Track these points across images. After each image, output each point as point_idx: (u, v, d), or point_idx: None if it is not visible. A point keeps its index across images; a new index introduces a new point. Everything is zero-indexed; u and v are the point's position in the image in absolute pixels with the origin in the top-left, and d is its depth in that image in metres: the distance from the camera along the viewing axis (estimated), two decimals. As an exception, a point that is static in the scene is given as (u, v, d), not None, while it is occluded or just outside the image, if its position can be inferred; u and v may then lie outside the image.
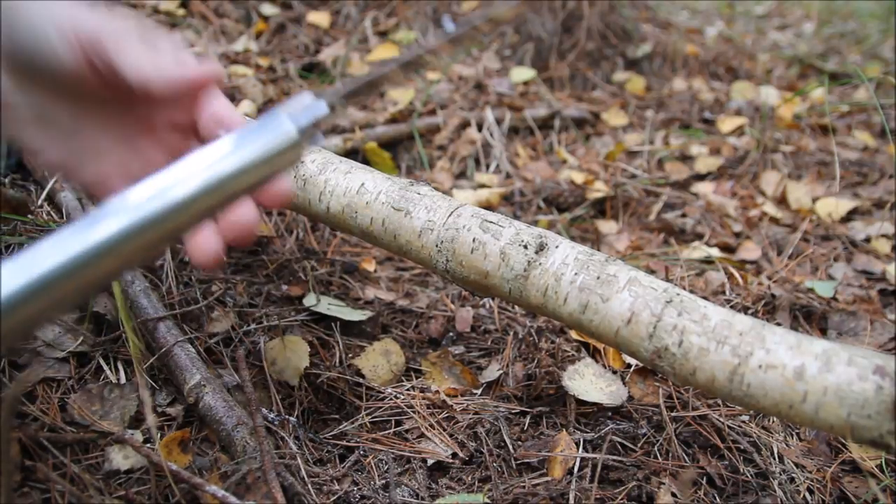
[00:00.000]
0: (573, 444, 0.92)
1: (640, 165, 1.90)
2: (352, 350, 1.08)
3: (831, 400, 0.57)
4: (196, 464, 0.85)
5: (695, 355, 0.63)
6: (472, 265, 0.74)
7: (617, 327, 0.67)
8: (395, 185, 0.80)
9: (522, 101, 2.09)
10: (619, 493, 0.85)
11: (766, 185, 1.84)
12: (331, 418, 0.97)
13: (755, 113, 2.22)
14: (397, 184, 0.81)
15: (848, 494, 0.91)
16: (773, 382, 0.60)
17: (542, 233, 0.73)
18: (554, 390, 1.02)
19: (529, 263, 0.71)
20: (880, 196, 1.83)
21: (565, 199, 1.66)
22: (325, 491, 0.83)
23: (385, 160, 1.66)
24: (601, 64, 2.45)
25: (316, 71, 2.02)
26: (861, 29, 3.84)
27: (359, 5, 2.36)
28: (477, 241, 0.74)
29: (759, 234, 1.61)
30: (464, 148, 1.81)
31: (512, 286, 0.73)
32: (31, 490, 0.75)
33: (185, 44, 1.81)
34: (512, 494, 0.84)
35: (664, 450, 0.93)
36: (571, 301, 0.69)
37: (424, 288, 1.29)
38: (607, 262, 0.70)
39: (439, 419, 0.96)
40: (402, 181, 0.81)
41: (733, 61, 2.75)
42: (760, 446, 0.95)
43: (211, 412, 0.89)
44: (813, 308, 1.27)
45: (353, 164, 0.84)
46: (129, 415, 0.89)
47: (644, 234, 1.60)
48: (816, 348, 0.60)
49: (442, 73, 2.12)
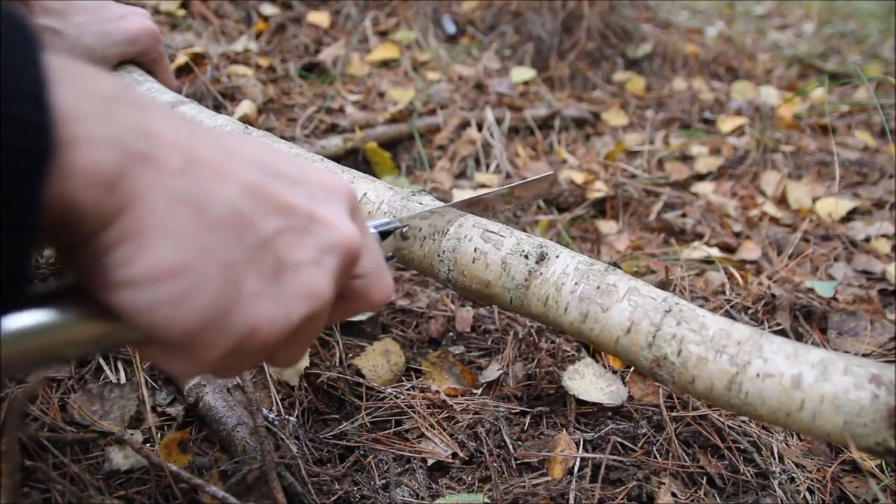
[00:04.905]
0: (573, 444, 0.92)
1: (640, 165, 1.90)
2: (352, 350, 1.08)
3: (828, 408, 0.58)
4: (196, 464, 0.85)
5: (693, 364, 0.64)
6: (474, 275, 0.75)
7: (617, 336, 0.68)
8: (398, 195, 0.81)
9: (522, 101, 2.09)
10: (620, 493, 0.85)
11: (766, 185, 1.84)
12: (331, 418, 0.97)
13: (755, 113, 2.22)
14: (400, 194, 0.81)
15: (848, 494, 0.91)
16: (770, 391, 0.61)
17: (543, 242, 0.74)
18: (554, 390, 1.02)
19: (530, 273, 0.72)
20: (880, 196, 1.83)
21: (565, 199, 1.66)
22: (326, 491, 0.83)
23: (385, 160, 1.66)
24: (601, 64, 2.45)
25: (316, 71, 2.02)
26: (861, 29, 3.84)
27: (359, 5, 2.36)
28: (478, 251, 0.75)
29: (759, 234, 1.61)
30: (464, 148, 1.81)
31: (513, 296, 0.74)
32: (31, 490, 0.76)
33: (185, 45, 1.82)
34: (512, 494, 0.84)
35: (664, 450, 0.93)
36: (572, 310, 0.70)
37: (424, 288, 1.29)
38: (607, 272, 0.71)
39: (439, 419, 0.96)
40: (404, 191, 0.82)
41: (733, 61, 2.75)
42: (760, 446, 0.95)
43: (211, 412, 0.89)
44: (813, 308, 1.27)
45: (355, 174, 0.85)
46: (129, 415, 0.89)
47: (644, 234, 1.60)
48: (813, 357, 0.61)
49: (442, 73, 2.13)
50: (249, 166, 0.42)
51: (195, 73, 1.68)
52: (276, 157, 0.45)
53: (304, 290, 0.43)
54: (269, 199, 0.42)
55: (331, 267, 0.45)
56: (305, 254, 0.44)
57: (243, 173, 0.41)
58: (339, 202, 0.47)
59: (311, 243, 0.44)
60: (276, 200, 0.43)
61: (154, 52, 0.99)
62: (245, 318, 0.41)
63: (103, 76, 0.37)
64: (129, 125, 0.37)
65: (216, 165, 0.40)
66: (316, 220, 0.44)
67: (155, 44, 0.99)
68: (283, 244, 0.43)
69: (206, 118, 0.92)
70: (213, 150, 0.41)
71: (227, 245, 0.40)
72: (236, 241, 0.40)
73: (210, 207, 0.39)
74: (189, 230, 0.38)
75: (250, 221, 0.41)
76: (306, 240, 0.44)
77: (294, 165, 0.46)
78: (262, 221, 0.42)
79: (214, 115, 0.93)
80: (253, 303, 0.41)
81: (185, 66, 1.69)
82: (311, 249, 0.44)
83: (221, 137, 0.43)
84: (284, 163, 0.46)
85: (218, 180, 0.40)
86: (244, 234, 0.41)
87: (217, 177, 0.40)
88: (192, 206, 0.38)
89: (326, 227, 0.45)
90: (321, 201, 0.46)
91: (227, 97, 1.69)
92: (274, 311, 0.42)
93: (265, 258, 0.42)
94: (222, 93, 1.69)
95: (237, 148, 0.43)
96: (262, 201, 0.42)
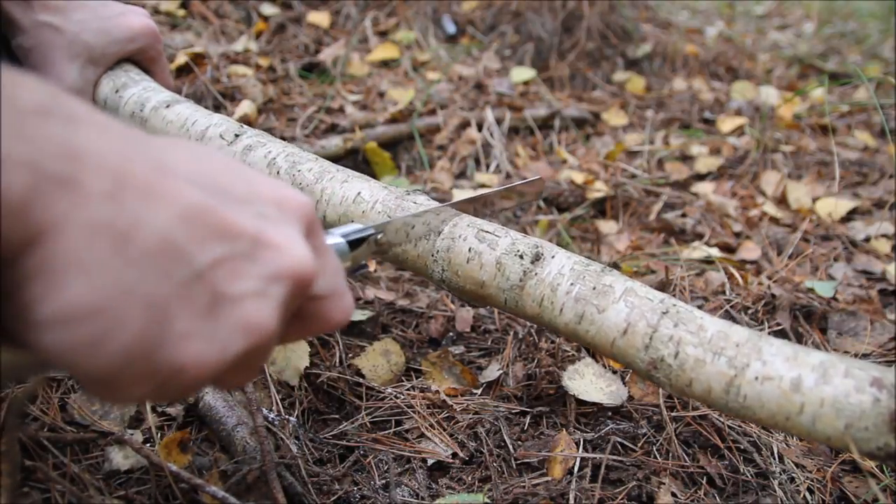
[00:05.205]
0: (573, 444, 0.92)
1: (640, 165, 1.90)
2: (352, 350, 1.08)
3: (828, 412, 0.57)
4: (196, 464, 0.85)
5: (691, 366, 0.63)
6: (468, 275, 0.74)
7: (613, 338, 0.67)
8: (392, 194, 0.80)
9: (522, 101, 2.09)
10: (620, 493, 0.85)
11: (766, 185, 1.84)
12: (331, 418, 0.97)
13: (755, 113, 2.22)
14: (394, 193, 0.80)
15: (848, 494, 0.91)
16: (769, 394, 0.60)
17: (538, 242, 0.73)
18: (554, 390, 1.02)
19: (525, 273, 0.71)
20: (880, 196, 1.83)
21: (565, 199, 1.66)
22: (325, 491, 0.83)
23: (385, 160, 1.66)
24: (601, 64, 2.45)
25: (316, 71, 2.02)
26: (861, 29, 3.84)
27: (359, 5, 2.36)
28: (473, 251, 0.74)
29: (759, 234, 1.61)
30: (464, 148, 1.81)
31: (508, 296, 0.73)
32: (31, 490, 0.76)
33: None
34: (512, 494, 0.84)
35: (664, 450, 0.93)
36: (567, 311, 0.69)
37: (424, 288, 1.29)
38: (603, 273, 0.70)
39: (439, 419, 0.96)
40: (398, 190, 0.81)
41: (733, 61, 2.75)
42: (760, 446, 0.95)
43: (211, 412, 0.89)
44: (813, 308, 1.27)
45: (349, 174, 0.84)
46: (129, 415, 0.89)
47: (644, 234, 1.60)
48: (813, 360, 0.60)
49: (442, 73, 2.13)
50: (189, 184, 0.38)
51: (195, 73, 1.68)
52: (223, 171, 0.41)
53: (243, 325, 0.39)
54: (208, 223, 0.38)
55: (277, 297, 0.41)
56: (247, 284, 0.39)
57: (180, 194, 0.37)
58: (291, 221, 0.43)
59: (254, 271, 0.40)
60: (217, 224, 0.38)
61: (153, 51, 0.99)
62: (171, 357, 0.37)
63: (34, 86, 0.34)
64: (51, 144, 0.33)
65: (149, 187, 0.36)
66: (262, 244, 0.40)
67: (154, 42, 0.99)
68: (220, 275, 0.38)
69: (201, 118, 0.91)
70: (147, 167, 0.36)
71: (153, 280, 0.36)
72: (165, 275, 0.36)
73: (135, 238, 0.35)
74: (108, 265, 0.34)
75: (183, 252, 0.37)
76: (249, 267, 0.39)
77: (243, 179, 0.42)
78: (198, 251, 0.37)
79: (210, 115, 0.92)
80: (182, 342, 0.37)
81: (185, 66, 1.69)
82: (254, 278, 0.40)
83: (160, 151, 0.39)
84: (232, 176, 0.41)
85: (148, 204, 0.36)
86: (174, 266, 0.36)
87: (148, 200, 0.36)
88: (114, 237, 0.34)
89: (274, 251, 0.40)
90: (271, 222, 0.41)
91: (227, 97, 1.69)
92: (205, 349, 0.38)
93: (198, 292, 0.37)
94: (222, 93, 1.69)
95: (180, 165, 0.39)
96: (199, 226, 0.37)
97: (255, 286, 0.40)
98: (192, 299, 0.37)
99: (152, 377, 0.37)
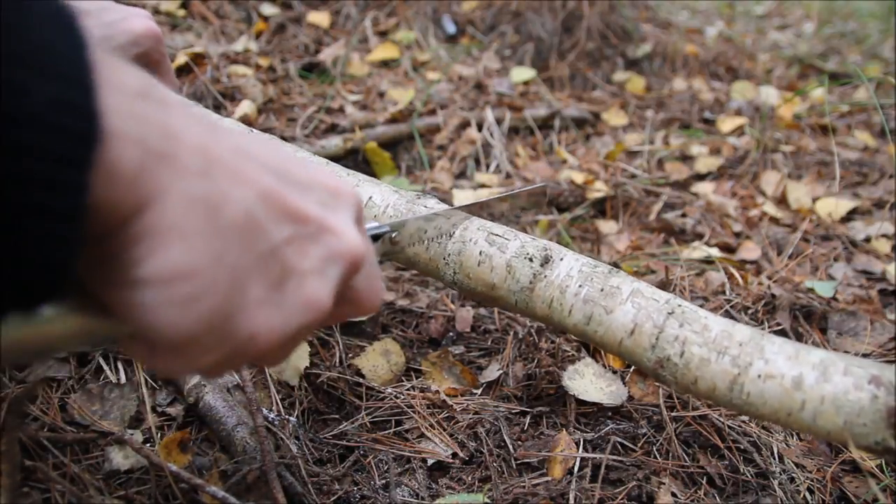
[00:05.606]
0: (573, 444, 0.92)
1: (640, 165, 1.90)
2: (352, 350, 1.08)
3: (828, 408, 0.59)
4: (196, 464, 0.85)
5: (696, 365, 0.65)
6: (480, 278, 0.76)
7: (620, 338, 0.69)
8: (403, 198, 0.82)
9: (522, 101, 2.09)
10: (620, 493, 0.85)
11: (766, 185, 1.84)
12: (331, 418, 0.97)
13: (755, 113, 2.22)
14: (405, 197, 0.82)
15: (848, 494, 0.91)
16: (772, 391, 0.61)
17: (547, 245, 0.75)
18: (554, 390, 1.02)
19: (535, 276, 0.73)
20: (880, 196, 1.83)
21: (565, 199, 1.66)
22: (326, 491, 0.83)
23: (385, 160, 1.66)
24: (601, 64, 2.45)
25: (316, 71, 2.02)
26: (861, 29, 3.84)
27: (359, 5, 2.36)
28: (483, 255, 0.75)
29: (759, 234, 1.61)
30: (464, 148, 1.81)
31: (518, 298, 0.74)
32: (31, 490, 0.76)
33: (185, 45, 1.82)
34: (512, 494, 0.84)
35: (664, 450, 0.93)
36: (576, 312, 0.71)
37: (424, 288, 1.29)
38: (611, 274, 0.72)
39: (439, 419, 0.96)
40: (409, 194, 0.82)
41: (733, 61, 2.75)
42: (760, 446, 0.95)
43: (211, 412, 0.89)
44: (813, 308, 1.27)
45: (360, 177, 0.85)
46: (129, 415, 0.89)
47: (644, 234, 1.60)
48: (814, 358, 0.62)
49: (442, 73, 2.13)
50: (265, 170, 0.42)
51: (195, 73, 1.69)
52: (289, 161, 0.45)
53: (305, 300, 0.43)
54: (282, 205, 0.42)
55: (334, 277, 0.45)
56: (310, 263, 0.43)
57: (259, 177, 0.41)
58: (346, 209, 0.47)
59: (317, 252, 0.44)
60: (289, 208, 0.42)
61: (156, 54, 0.99)
62: (246, 325, 0.40)
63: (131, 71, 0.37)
64: (154, 123, 0.36)
65: (233, 168, 0.40)
66: (325, 228, 0.44)
67: (157, 45, 0.99)
68: (291, 252, 0.42)
69: None
70: (230, 152, 0.40)
71: (239, 250, 0.39)
72: (248, 246, 0.40)
73: (225, 211, 0.38)
74: (203, 233, 0.37)
75: (263, 228, 0.40)
76: (313, 248, 0.43)
77: (305, 169, 0.46)
78: (275, 228, 0.41)
79: (209, 115, 0.92)
80: (256, 310, 0.41)
81: (185, 66, 1.69)
82: (316, 258, 0.43)
83: (238, 138, 0.42)
84: (297, 167, 0.45)
85: (235, 184, 0.39)
86: (256, 240, 0.40)
87: (234, 180, 0.39)
88: (208, 208, 0.38)
89: (334, 236, 0.45)
90: (330, 209, 0.45)
91: (227, 97, 1.69)
92: (274, 320, 0.42)
93: (272, 265, 0.41)
94: (222, 93, 1.69)
95: (253, 150, 0.42)
96: (275, 208, 0.41)
97: (318, 265, 0.44)
98: (267, 271, 0.41)
99: (226, 345, 0.40)
